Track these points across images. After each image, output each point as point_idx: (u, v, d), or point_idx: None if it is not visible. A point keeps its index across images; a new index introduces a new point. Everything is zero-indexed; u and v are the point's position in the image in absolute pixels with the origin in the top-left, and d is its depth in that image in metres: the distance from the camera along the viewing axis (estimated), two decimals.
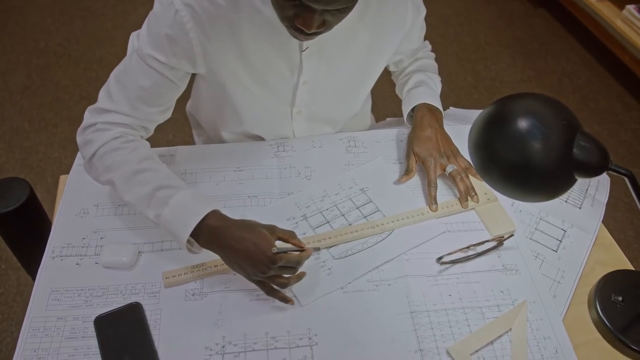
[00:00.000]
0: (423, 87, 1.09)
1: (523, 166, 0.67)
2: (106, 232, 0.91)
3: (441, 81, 1.16)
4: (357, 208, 0.96)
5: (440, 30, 2.70)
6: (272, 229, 0.80)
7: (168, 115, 0.95)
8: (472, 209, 0.97)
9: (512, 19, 2.81)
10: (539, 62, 2.57)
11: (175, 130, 2.12)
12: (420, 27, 1.06)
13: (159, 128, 0.97)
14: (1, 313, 1.60)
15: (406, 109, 1.08)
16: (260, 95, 0.98)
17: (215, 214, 0.80)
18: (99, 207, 0.94)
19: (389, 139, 1.10)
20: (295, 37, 0.79)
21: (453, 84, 2.43)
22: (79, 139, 0.89)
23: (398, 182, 1.00)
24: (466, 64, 2.54)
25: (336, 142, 1.08)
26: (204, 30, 0.85)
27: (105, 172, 0.85)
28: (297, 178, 1.01)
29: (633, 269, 0.91)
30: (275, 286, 0.80)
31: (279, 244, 0.79)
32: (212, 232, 0.78)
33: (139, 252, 0.88)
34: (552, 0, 2.78)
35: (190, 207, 0.79)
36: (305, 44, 0.89)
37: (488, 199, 0.97)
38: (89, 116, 0.89)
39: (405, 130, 1.11)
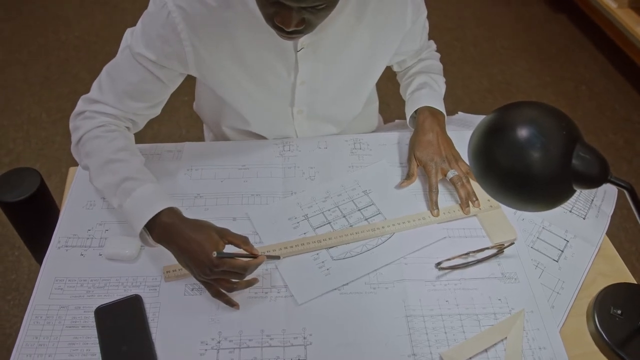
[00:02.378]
0: (426, 89, 1.08)
1: (521, 175, 0.67)
2: (111, 225, 0.93)
3: (445, 82, 1.16)
4: (359, 210, 0.97)
5: (457, 33, 2.68)
6: (223, 233, 0.80)
7: (156, 111, 0.97)
8: (474, 215, 0.97)
9: (531, 23, 2.78)
10: (556, 68, 2.54)
11: (189, 126, 2.14)
12: (422, 28, 1.05)
13: (173, 123, 1.00)
14: (13, 299, 1.64)
15: (408, 112, 1.08)
16: (258, 95, 0.99)
17: (170, 211, 0.81)
18: (105, 200, 0.96)
19: (395, 142, 1.10)
20: (280, 36, 0.80)
21: (468, 88, 2.41)
22: (70, 125, 0.93)
23: (399, 186, 1.00)
24: (482, 67, 2.52)
25: (341, 144, 1.09)
26: (196, 32, 0.86)
27: (84, 158, 0.90)
28: (301, 178, 1.02)
29: (635, 282, 0.90)
30: (222, 289, 0.81)
31: (231, 248, 0.79)
32: (164, 228, 0.80)
33: (142, 246, 0.90)
34: (572, 6, 2.74)
35: (148, 201, 0.81)
36: (300, 44, 0.90)
37: (491, 206, 0.97)
38: (80, 104, 0.93)
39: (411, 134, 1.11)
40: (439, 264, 0.88)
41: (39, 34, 2.57)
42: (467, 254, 0.90)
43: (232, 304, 0.82)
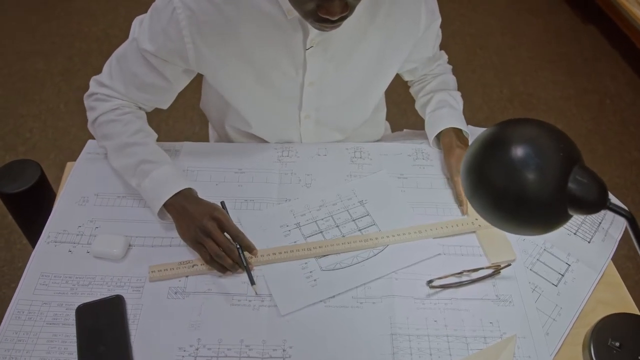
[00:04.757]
0: (447, 108, 1.06)
1: (513, 196, 0.63)
2: (102, 222, 0.92)
3: (463, 95, 1.13)
4: (353, 220, 0.94)
5: (480, 41, 2.62)
6: (227, 218, 0.87)
7: (163, 106, 1.01)
8: (473, 232, 0.93)
9: (558, 33, 2.70)
10: (581, 80, 2.46)
11: (202, 123, 2.14)
12: (435, 35, 1.04)
13: (187, 120, 1.01)
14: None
15: (431, 132, 1.06)
16: (265, 96, 0.97)
17: (187, 191, 0.89)
18: (99, 197, 0.96)
19: (397, 153, 1.07)
20: (322, 29, 0.80)
21: (487, 97, 2.35)
22: (85, 103, 1.00)
23: (463, 214, 0.96)
24: (504, 76, 2.45)
25: (342, 152, 1.06)
26: (200, 30, 0.86)
27: (101, 139, 0.97)
28: (296, 185, 1.00)
29: (638, 313, 0.85)
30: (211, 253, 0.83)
31: None
32: (179, 204, 0.88)
33: (130, 245, 0.89)
34: (602, 17, 2.65)
35: (165, 183, 0.89)
36: (310, 42, 0.89)
37: None
38: (92, 85, 0.99)
39: (416, 145, 1.08)
40: (430, 281, 0.85)
41: (63, 25, 2.61)
42: (460, 272, 0.86)
43: (223, 270, 0.84)
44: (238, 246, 0.85)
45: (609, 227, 0.97)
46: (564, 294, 0.87)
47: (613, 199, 0.96)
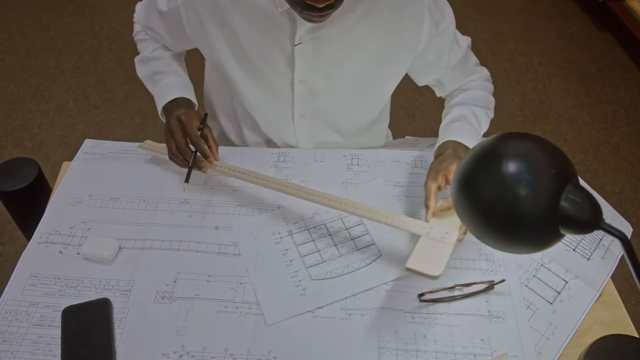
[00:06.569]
0: (460, 122, 0.98)
1: (503, 212, 0.61)
2: (94, 224, 0.92)
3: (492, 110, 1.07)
4: (347, 229, 0.93)
5: (492, 47, 2.59)
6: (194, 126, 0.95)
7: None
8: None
9: (572, 40, 2.66)
10: (594, 89, 2.41)
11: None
12: (449, 45, 0.97)
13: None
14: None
15: (436, 145, 0.98)
16: (259, 92, 0.99)
17: (182, 100, 1.00)
18: (92, 198, 0.96)
19: (395, 160, 1.05)
20: (310, 20, 0.79)
21: (498, 104, 2.29)
22: None
23: (426, 221, 0.86)
24: (515, 84, 2.42)
25: (339, 158, 1.05)
26: (195, 9, 0.92)
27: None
28: None
29: (636, 335, 0.82)
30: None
31: None
32: (172, 107, 0.99)
33: (120, 248, 0.88)
34: (619, 25, 2.60)
35: (166, 90, 1.01)
36: (299, 38, 0.89)
37: None
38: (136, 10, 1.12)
39: (415, 153, 1.07)
40: (421, 295, 0.83)
41: (76, 22, 2.63)
42: (453, 287, 0.84)
43: (180, 165, 0.96)
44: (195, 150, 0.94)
45: (610, 244, 0.94)
46: (559, 312, 0.84)
47: (614, 215, 0.94)
